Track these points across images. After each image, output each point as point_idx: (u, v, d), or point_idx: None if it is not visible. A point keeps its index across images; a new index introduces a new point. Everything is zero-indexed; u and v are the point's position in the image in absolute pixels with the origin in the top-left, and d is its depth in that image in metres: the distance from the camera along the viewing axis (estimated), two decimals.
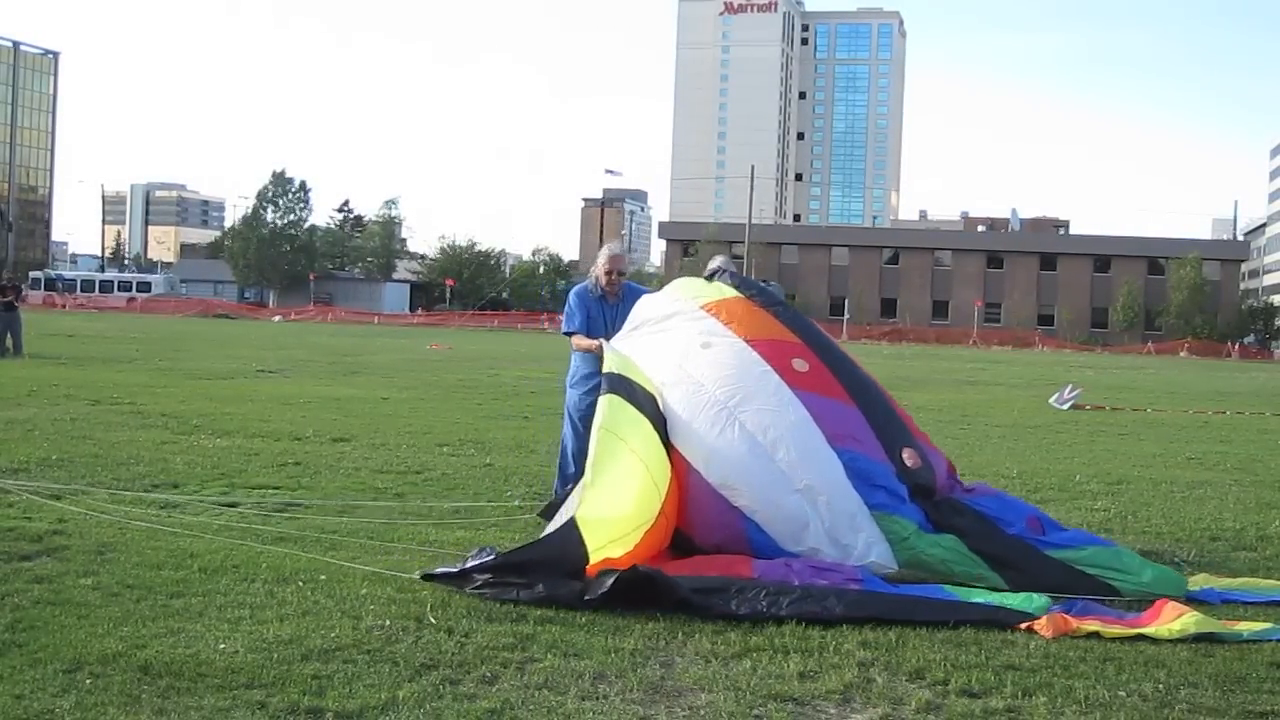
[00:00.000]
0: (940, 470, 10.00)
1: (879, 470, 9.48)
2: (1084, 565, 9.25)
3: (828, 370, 10.06)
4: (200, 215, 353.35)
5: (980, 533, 9.39)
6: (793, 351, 10.05)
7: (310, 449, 15.41)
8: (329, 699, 6.06)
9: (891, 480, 9.46)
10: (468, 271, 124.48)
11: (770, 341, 10.08)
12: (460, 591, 8.11)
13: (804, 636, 7.47)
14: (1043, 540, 9.50)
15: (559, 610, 7.81)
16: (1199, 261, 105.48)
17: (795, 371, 9.87)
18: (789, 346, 10.10)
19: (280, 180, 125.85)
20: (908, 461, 9.69)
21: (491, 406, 22.96)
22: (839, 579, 8.47)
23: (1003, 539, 9.39)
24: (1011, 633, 7.77)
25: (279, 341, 50.48)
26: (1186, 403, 31.62)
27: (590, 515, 8.36)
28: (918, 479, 9.61)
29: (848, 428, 9.65)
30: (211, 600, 7.82)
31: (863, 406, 9.92)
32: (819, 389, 9.84)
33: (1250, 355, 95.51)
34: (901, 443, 9.86)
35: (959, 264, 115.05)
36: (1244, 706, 6.51)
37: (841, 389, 9.97)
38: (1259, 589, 9.27)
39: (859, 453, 9.51)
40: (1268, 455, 19.21)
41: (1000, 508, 9.84)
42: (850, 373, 10.26)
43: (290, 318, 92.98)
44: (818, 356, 10.14)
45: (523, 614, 7.76)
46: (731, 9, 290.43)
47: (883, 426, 9.88)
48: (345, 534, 10.05)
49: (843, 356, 10.47)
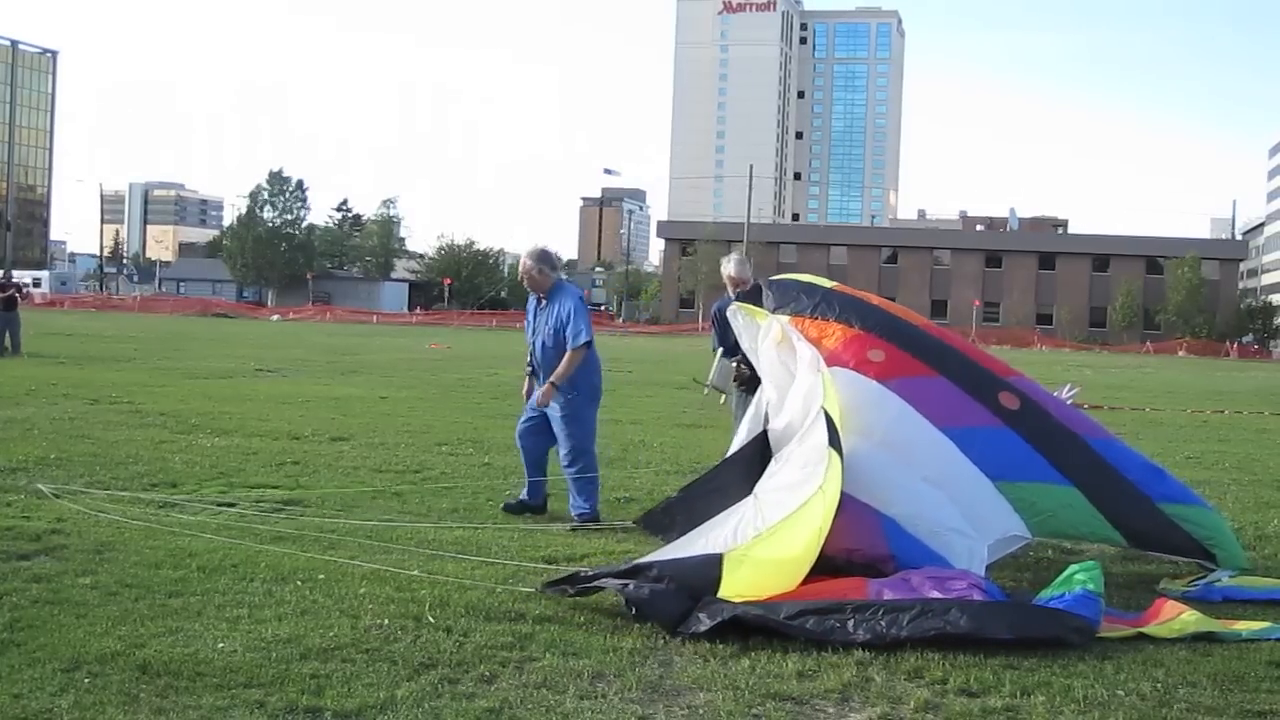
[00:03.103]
0: (1038, 397, 10.08)
1: (990, 436, 9.51)
2: (1191, 525, 9.54)
3: (899, 349, 9.97)
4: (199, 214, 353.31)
5: (1100, 484, 9.50)
6: (863, 344, 9.94)
7: (309, 448, 15.40)
8: (327, 698, 6.06)
9: (1005, 440, 9.51)
10: (466, 270, 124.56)
11: (839, 346, 9.94)
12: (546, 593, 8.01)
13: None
14: (1155, 490, 9.63)
15: (558, 609, 7.81)
16: (1197, 261, 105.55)
17: (875, 364, 9.79)
18: (857, 341, 9.98)
19: (277, 179, 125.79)
20: (1008, 405, 9.73)
21: (490, 406, 22.93)
22: (962, 587, 8.08)
23: (1119, 488, 9.53)
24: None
25: (277, 341, 50.47)
26: (1185, 402, 31.62)
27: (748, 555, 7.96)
28: (1024, 419, 9.67)
29: (945, 404, 9.62)
30: (210, 599, 7.82)
31: (947, 373, 9.89)
32: (903, 371, 9.79)
33: (1249, 354, 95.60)
34: (995, 390, 9.88)
35: (957, 263, 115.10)
36: (1242, 705, 6.51)
37: (920, 364, 9.91)
38: (1258, 586, 9.29)
39: (965, 427, 9.51)
40: (1266, 454, 19.21)
41: (1116, 453, 9.90)
42: (922, 342, 10.23)
43: (288, 317, 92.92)
44: (885, 339, 10.02)
45: (521, 613, 7.75)
46: (730, 8, 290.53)
47: (973, 385, 9.88)
48: (344, 533, 10.04)
49: (907, 327, 10.39)
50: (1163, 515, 9.52)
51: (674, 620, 7.50)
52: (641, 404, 24.81)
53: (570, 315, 11.26)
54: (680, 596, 7.64)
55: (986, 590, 8.13)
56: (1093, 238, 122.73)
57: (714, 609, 7.52)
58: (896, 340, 10.05)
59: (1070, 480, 9.47)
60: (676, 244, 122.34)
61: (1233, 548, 9.74)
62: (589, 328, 11.30)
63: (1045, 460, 9.51)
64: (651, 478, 14.11)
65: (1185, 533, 9.53)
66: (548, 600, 7.99)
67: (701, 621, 7.44)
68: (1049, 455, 9.53)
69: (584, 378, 11.42)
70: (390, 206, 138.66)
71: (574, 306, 11.33)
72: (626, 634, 7.40)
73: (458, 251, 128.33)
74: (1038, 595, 8.33)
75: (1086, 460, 9.64)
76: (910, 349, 10.03)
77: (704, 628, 7.39)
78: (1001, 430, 9.59)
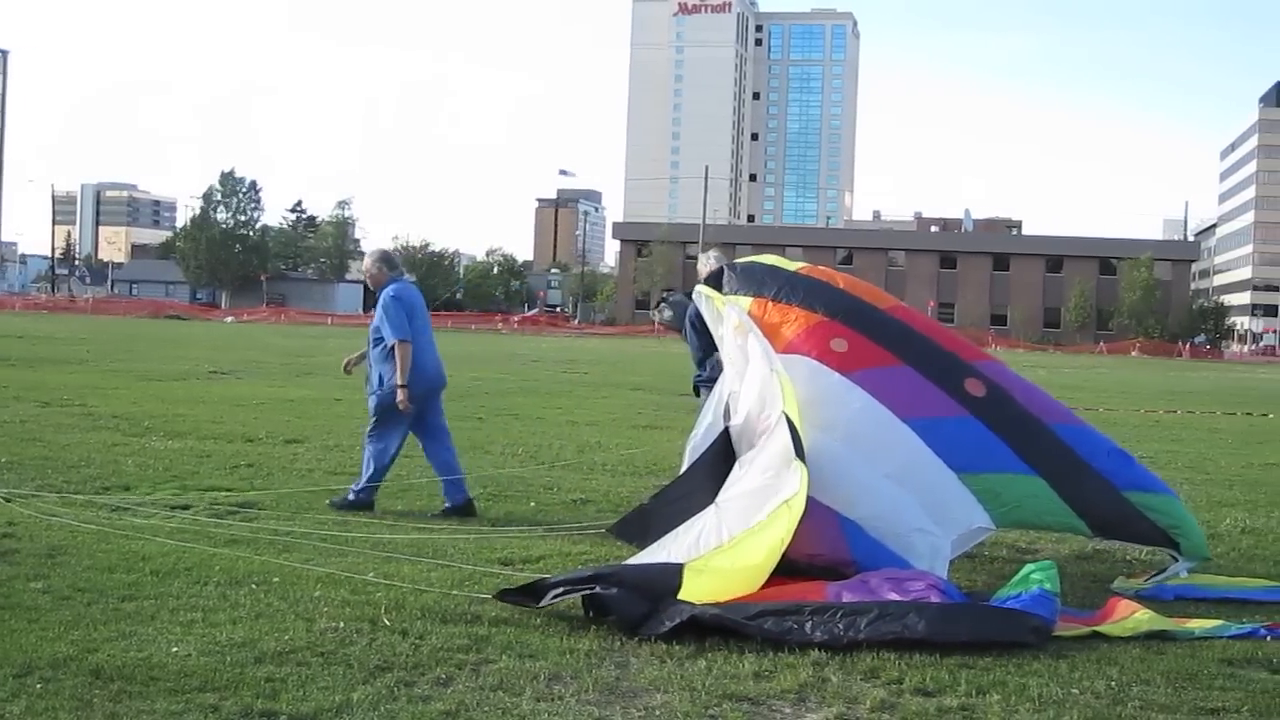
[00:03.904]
0: (1005, 382, 9.98)
1: (954, 426, 9.45)
2: (1156, 513, 9.47)
3: (863, 337, 9.85)
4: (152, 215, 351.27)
5: (1064, 471, 9.44)
6: (825, 333, 9.82)
7: (263, 451, 15.34)
8: (282, 702, 6.02)
9: (969, 429, 9.44)
10: (421, 272, 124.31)
11: (801, 334, 9.83)
12: (530, 607, 7.83)
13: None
14: (1120, 477, 9.56)
15: (514, 611, 7.78)
16: (1150, 262, 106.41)
17: (838, 354, 9.68)
18: (819, 329, 9.85)
19: (229, 180, 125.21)
20: (973, 392, 9.65)
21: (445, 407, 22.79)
22: (920, 588, 8.07)
23: (1084, 477, 9.46)
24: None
25: (231, 342, 50.22)
26: (1138, 402, 31.85)
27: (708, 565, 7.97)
28: (989, 407, 9.60)
29: (909, 394, 9.53)
30: (164, 603, 7.76)
31: (911, 360, 9.79)
32: (865, 362, 9.68)
33: (1201, 355, 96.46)
34: (961, 376, 9.79)
35: (912, 264, 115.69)
36: (1195, 703, 6.55)
37: (884, 352, 9.80)
38: (1211, 585, 9.36)
39: (928, 417, 9.44)
40: (1218, 454, 19.36)
41: (1082, 439, 9.79)
42: (887, 328, 10.09)
43: (242, 319, 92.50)
44: (848, 326, 9.91)
45: (477, 615, 7.73)
46: (685, 9, 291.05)
47: (938, 372, 9.78)
48: (299, 536, 9.98)
49: (872, 312, 10.25)
50: (1128, 504, 9.45)
51: (634, 621, 7.50)
52: (597, 405, 24.79)
53: (381, 315, 11.54)
54: (640, 599, 7.63)
55: (945, 591, 8.15)
56: (1047, 239, 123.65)
57: (673, 610, 7.52)
58: (860, 327, 9.92)
59: (1035, 469, 9.41)
60: (632, 245, 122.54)
61: (1196, 537, 9.66)
62: (397, 327, 11.43)
63: (1010, 449, 9.45)
64: (608, 479, 14.10)
65: (1150, 521, 9.46)
66: (503, 603, 7.97)
67: (661, 622, 7.43)
68: (1014, 444, 9.47)
69: (390, 375, 11.54)
70: (345, 208, 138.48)
71: (384, 306, 11.55)
72: (583, 636, 7.39)
73: (413, 253, 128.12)
74: (995, 595, 8.36)
75: (1052, 448, 9.56)
76: (874, 336, 9.89)
77: (664, 629, 7.38)
78: (966, 419, 9.52)
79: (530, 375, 34.47)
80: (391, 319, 11.42)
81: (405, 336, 11.38)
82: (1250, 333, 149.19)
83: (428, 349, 11.77)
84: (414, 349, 11.47)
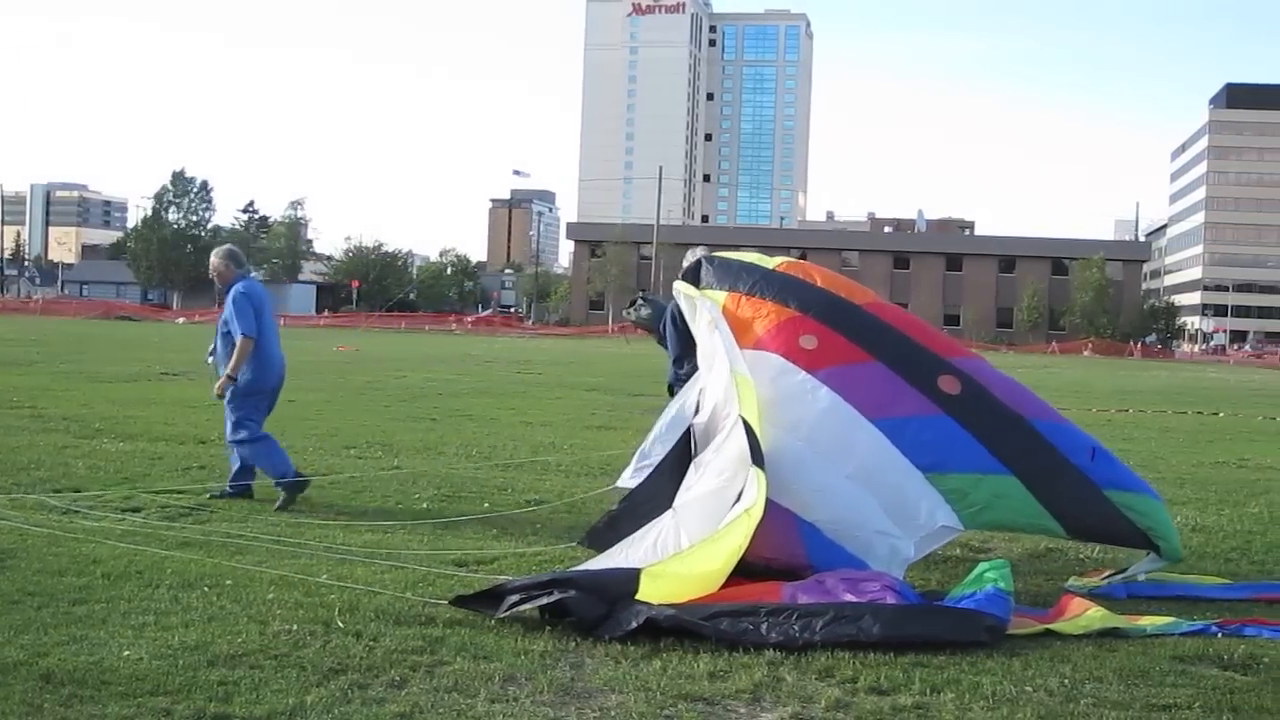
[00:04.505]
0: (982, 378, 9.77)
1: (924, 425, 9.30)
2: (1136, 514, 9.30)
3: (834, 332, 9.70)
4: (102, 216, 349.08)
5: (1042, 470, 9.26)
6: (795, 329, 9.70)
7: (215, 452, 15.21)
8: (235, 705, 5.99)
9: (940, 428, 9.29)
10: (374, 273, 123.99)
11: (772, 329, 9.73)
12: (488, 614, 7.74)
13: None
14: (1102, 476, 9.36)
15: (469, 613, 7.76)
16: (1102, 262, 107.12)
17: (806, 351, 9.55)
18: (790, 324, 9.73)
19: (180, 180, 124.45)
20: (947, 390, 9.48)
21: (399, 409, 22.83)
22: (875, 589, 8.08)
23: (1064, 475, 9.28)
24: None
25: (183, 343, 49.85)
26: (1090, 401, 32.02)
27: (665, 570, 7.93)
28: (964, 404, 9.42)
29: (878, 392, 9.39)
30: (115, 607, 7.71)
31: (884, 357, 9.62)
32: (835, 359, 9.55)
33: (1152, 354, 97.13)
34: (935, 373, 9.61)
35: (866, 265, 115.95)
36: (1147, 700, 6.60)
37: (855, 348, 9.65)
38: (1164, 581, 9.41)
39: (897, 416, 9.31)
40: (1169, 452, 19.52)
41: (1063, 436, 9.58)
42: (860, 324, 9.91)
43: (194, 319, 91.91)
44: (821, 321, 9.76)
45: (431, 617, 7.71)
46: (639, 10, 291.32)
47: (911, 369, 9.60)
48: (251, 538, 9.93)
49: (846, 307, 10.08)
50: (1109, 504, 9.27)
51: (591, 623, 7.48)
52: (551, 406, 24.76)
53: (230, 311, 11.79)
54: (597, 601, 7.62)
55: (900, 592, 8.17)
56: (999, 239, 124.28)
57: (630, 612, 7.51)
58: (833, 323, 9.77)
59: (1009, 468, 9.23)
60: (586, 245, 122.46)
61: (1174, 539, 9.53)
62: (248, 323, 11.75)
63: (983, 447, 9.27)
64: (561, 480, 14.08)
65: (1129, 522, 9.29)
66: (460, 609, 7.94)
67: (618, 624, 7.43)
68: (988, 442, 9.28)
69: (245, 370, 11.83)
70: (297, 208, 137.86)
71: (234, 301, 11.82)
72: (538, 637, 7.38)
73: (366, 254, 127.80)
74: (949, 594, 8.39)
75: (1031, 444, 9.37)
76: (846, 332, 9.73)
77: (621, 631, 7.38)
78: (937, 417, 9.35)
79: (484, 376, 34.40)
80: (243, 314, 11.76)
81: (252, 333, 11.77)
82: (1201, 332, 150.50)
83: (276, 345, 12.19)
84: (264, 344, 11.90)
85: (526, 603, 7.68)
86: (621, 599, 7.67)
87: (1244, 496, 14.62)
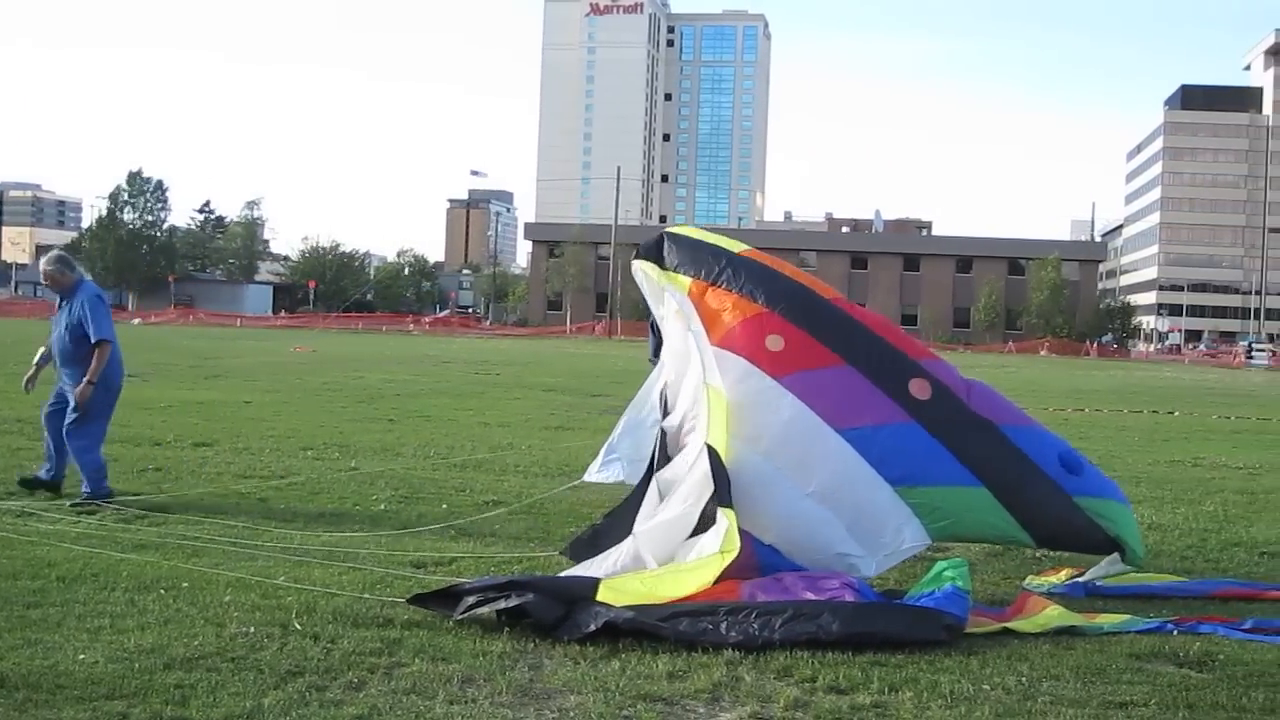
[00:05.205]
0: (952, 383, 9.54)
1: (893, 434, 9.11)
2: (1106, 520, 9.23)
3: (803, 332, 9.48)
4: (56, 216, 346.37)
5: (1013, 480, 9.12)
6: (762, 327, 9.47)
7: (171, 454, 15.17)
8: (192, 708, 5.96)
9: (910, 437, 9.10)
10: (331, 273, 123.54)
11: (738, 326, 9.51)
12: (447, 616, 7.72)
13: None
14: (1072, 481, 9.25)
15: (427, 614, 7.74)
16: (1058, 262, 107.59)
17: (772, 354, 9.33)
18: (756, 322, 9.50)
19: (136, 180, 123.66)
20: (917, 395, 9.30)
21: (356, 409, 22.76)
22: (834, 588, 8.07)
23: (1034, 484, 9.15)
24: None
25: (138, 344, 49.48)
26: (1046, 401, 32.15)
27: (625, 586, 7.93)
28: (933, 410, 9.24)
29: (847, 400, 9.19)
30: (70, 610, 7.66)
31: (853, 359, 9.40)
32: (802, 363, 9.33)
33: (1108, 354, 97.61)
34: (905, 377, 9.41)
35: (824, 265, 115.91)
36: (1104, 697, 6.64)
37: (824, 350, 9.42)
38: (1122, 582, 9.46)
39: (866, 425, 9.10)
40: (1125, 451, 19.64)
41: (1033, 442, 9.44)
42: (830, 321, 9.71)
43: (150, 320, 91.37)
44: (788, 319, 9.52)
45: (390, 619, 7.69)
46: (597, 10, 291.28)
47: (881, 372, 9.39)
48: (208, 540, 9.88)
49: (816, 302, 9.89)
50: (1079, 512, 9.20)
51: (549, 625, 7.47)
52: (509, 406, 24.73)
53: (88, 314, 11.78)
54: (554, 603, 7.61)
55: (859, 590, 8.18)
56: (956, 239, 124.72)
57: (588, 614, 7.51)
58: (801, 320, 9.56)
59: (979, 478, 9.10)
60: (544, 246, 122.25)
61: (1138, 546, 9.52)
62: (108, 327, 11.83)
63: (952, 456, 9.12)
64: (520, 481, 14.05)
65: (1100, 530, 9.23)
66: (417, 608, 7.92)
67: (577, 626, 7.43)
68: (957, 451, 9.14)
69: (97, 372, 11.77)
70: (254, 208, 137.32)
71: (92, 306, 11.84)
72: (496, 638, 7.37)
73: (323, 254, 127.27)
74: (908, 593, 8.40)
75: (1000, 452, 9.23)
76: (816, 330, 9.53)
77: (579, 633, 7.37)
78: (907, 425, 9.18)
79: (442, 377, 34.31)
80: (101, 318, 11.82)
81: (111, 337, 11.82)
82: (1156, 332, 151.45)
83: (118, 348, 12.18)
84: (115, 346, 11.96)
85: (484, 605, 7.67)
86: (579, 601, 7.66)
87: (1199, 495, 14.72)
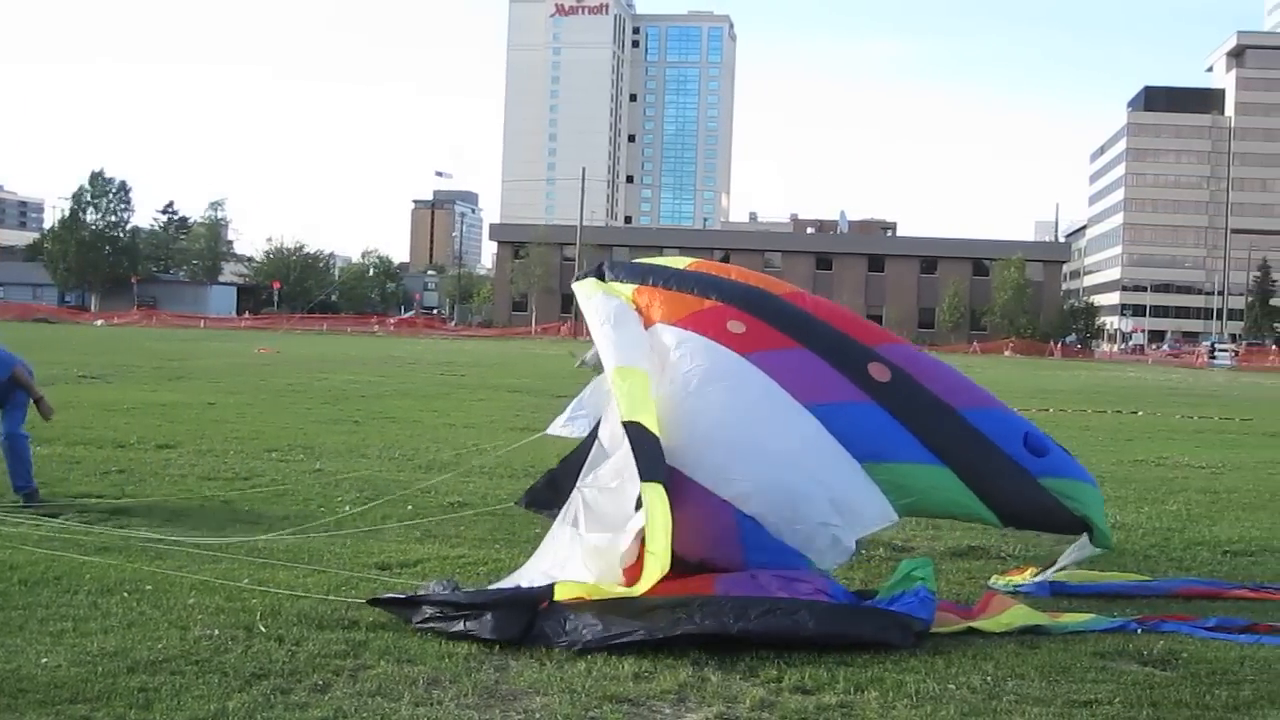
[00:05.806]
0: (911, 368, 9.57)
1: (856, 413, 9.08)
2: (1071, 501, 9.18)
3: (760, 321, 9.53)
4: (18, 216, 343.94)
5: (975, 460, 9.09)
6: (721, 316, 9.52)
7: (134, 456, 15.10)
8: (156, 712, 5.94)
9: (872, 416, 9.08)
10: (295, 274, 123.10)
11: (692, 317, 9.52)
12: (406, 622, 7.67)
13: None
14: (1036, 463, 9.22)
15: (392, 616, 7.73)
16: (1022, 263, 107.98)
17: (735, 335, 9.35)
18: (714, 313, 9.55)
19: (98, 180, 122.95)
20: (877, 377, 9.29)
21: (321, 411, 22.69)
22: (807, 590, 8.02)
23: (998, 465, 9.11)
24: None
25: (101, 346, 49.39)
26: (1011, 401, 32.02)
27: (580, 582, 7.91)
28: (893, 393, 9.22)
29: (810, 378, 9.18)
30: (32, 613, 7.62)
31: (811, 344, 9.42)
32: (764, 344, 9.34)
33: (1072, 354, 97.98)
34: (864, 361, 9.40)
35: (789, 265, 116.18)
36: (1068, 696, 6.67)
37: (782, 336, 9.46)
38: (1086, 580, 9.51)
39: (830, 402, 9.08)
40: (1089, 452, 19.66)
41: (995, 424, 9.43)
42: (784, 314, 9.74)
43: (113, 322, 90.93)
44: (744, 310, 9.60)
45: (355, 620, 7.67)
46: (562, 11, 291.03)
47: (839, 357, 9.40)
48: (171, 543, 9.84)
49: (768, 299, 9.95)
50: (1044, 492, 9.15)
51: (513, 639, 7.39)
52: (475, 408, 24.69)
53: None
54: (515, 615, 7.52)
55: (832, 593, 8.17)
56: (921, 240, 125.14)
57: (554, 621, 7.46)
58: (757, 312, 9.63)
59: (941, 458, 9.07)
60: (509, 246, 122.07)
61: (1104, 526, 9.48)
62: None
63: (914, 438, 9.10)
64: (485, 482, 14.04)
65: (1066, 510, 9.19)
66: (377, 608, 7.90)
67: (545, 638, 7.37)
68: (918, 432, 9.12)
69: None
70: (218, 209, 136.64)
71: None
72: (461, 640, 7.36)
73: (287, 255, 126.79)
74: (879, 594, 8.39)
75: (960, 434, 9.21)
76: (772, 321, 9.58)
77: (548, 644, 7.30)
78: (868, 406, 9.16)
79: (407, 378, 34.24)
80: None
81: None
82: (1120, 332, 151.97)
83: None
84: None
85: (439, 622, 7.58)
86: (540, 609, 7.59)
87: (1162, 494, 14.82)
